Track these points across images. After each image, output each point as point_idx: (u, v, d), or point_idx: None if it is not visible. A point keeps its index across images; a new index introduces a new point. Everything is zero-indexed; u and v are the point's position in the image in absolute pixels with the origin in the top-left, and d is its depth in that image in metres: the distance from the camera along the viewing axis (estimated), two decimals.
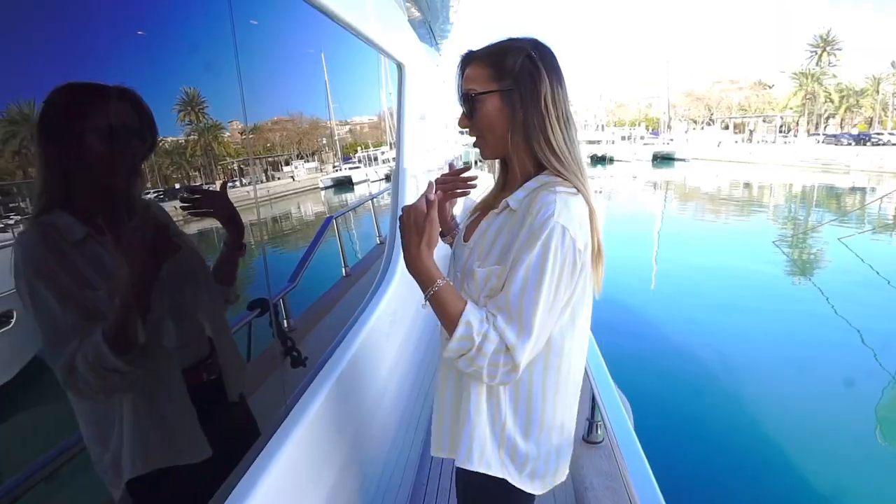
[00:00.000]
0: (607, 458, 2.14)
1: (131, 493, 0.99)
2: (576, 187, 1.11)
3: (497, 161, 1.29)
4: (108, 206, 0.97)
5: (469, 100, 1.17)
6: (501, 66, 1.13)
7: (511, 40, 1.17)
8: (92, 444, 0.97)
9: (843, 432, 5.68)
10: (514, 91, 1.13)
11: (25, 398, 0.93)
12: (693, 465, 5.11)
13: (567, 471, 1.31)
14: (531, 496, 1.28)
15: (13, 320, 0.97)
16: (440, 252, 1.17)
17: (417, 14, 5.24)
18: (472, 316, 1.07)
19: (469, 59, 1.19)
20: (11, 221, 0.88)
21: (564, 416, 1.26)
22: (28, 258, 0.84)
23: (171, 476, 1.04)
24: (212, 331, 1.22)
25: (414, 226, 1.10)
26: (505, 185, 1.28)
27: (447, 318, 1.09)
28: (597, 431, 2.32)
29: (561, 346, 1.18)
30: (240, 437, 1.18)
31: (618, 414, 1.59)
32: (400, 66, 2.92)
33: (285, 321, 1.60)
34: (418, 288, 1.17)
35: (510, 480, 1.23)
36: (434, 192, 1.10)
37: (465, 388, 1.23)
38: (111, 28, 0.96)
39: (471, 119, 1.19)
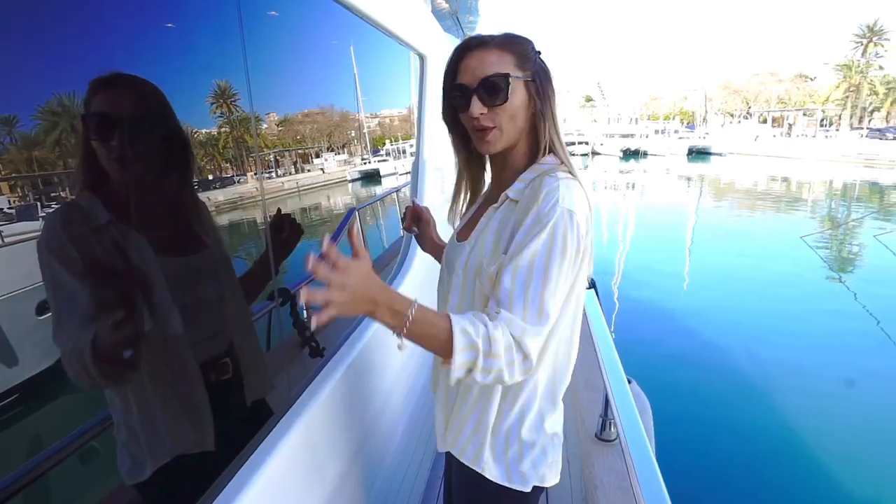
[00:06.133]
0: (619, 456, 2.04)
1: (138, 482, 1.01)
2: (571, 172, 1.09)
3: (469, 165, 1.28)
4: (133, 198, 0.96)
5: (497, 84, 1.06)
6: (524, 55, 1.11)
7: (515, 34, 1.13)
8: (116, 424, 1.00)
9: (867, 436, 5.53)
10: (534, 82, 1.12)
11: (65, 383, 0.93)
12: (711, 468, 5.06)
13: (559, 467, 1.24)
14: (540, 491, 1.23)
15: None
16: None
17: (445, 5, 5.22)
18: (462, 322, 0.94)
19: (482, 44, 1.10)
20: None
21: (553, 408, 1.20)
22: (48, 234, 0.84)
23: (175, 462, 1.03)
24: (233, 333, 1.19)
25: (338, 281, 0.91)
26: (497, 182, 1.23)
27: (436, 337, 0.94)
28: (610, 429, 2.27)
29: (552, 333, 1.08)
30: (244, 434, 1.16)
31: (630, 413, 1.54)
32: (422, 58, 2.91)
33: (304, 311, 1.58)
34: (434, 281, 1.16)
35: (508, 484, 1.17)
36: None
37: (460, 388, 1.19)
38: (141, 23, 0.98)
39: (495, 104, 1.07)
